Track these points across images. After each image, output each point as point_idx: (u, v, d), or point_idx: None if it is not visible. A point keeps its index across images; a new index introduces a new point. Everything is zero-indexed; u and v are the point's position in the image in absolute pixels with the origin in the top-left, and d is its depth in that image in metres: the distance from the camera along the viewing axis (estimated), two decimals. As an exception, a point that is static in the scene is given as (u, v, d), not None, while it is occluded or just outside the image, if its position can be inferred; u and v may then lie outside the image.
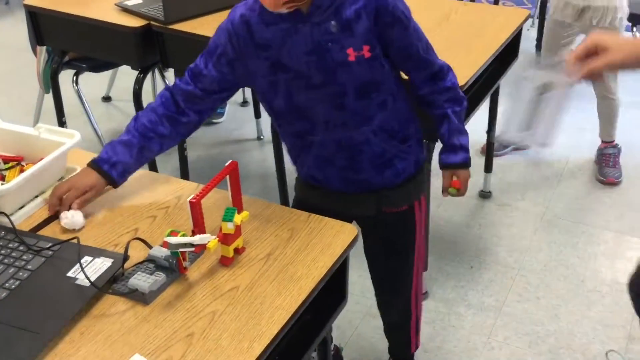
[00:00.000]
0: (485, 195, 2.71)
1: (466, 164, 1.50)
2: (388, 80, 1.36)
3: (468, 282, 2.27)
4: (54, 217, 1.30)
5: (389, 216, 1.53)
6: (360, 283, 2.21)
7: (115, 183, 1.34)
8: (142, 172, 1.47)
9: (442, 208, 2.62)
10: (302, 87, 1.33)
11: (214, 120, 3.24)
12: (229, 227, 1.15)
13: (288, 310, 1.08)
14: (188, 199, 1.16)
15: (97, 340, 1.03)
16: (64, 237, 1.21)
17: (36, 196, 1.32)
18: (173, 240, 1.09)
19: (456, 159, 1.49)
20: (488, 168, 2.68)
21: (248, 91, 3.41)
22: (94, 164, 1.33)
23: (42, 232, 1.26)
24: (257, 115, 3.13)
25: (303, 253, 1.20)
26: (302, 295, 1.11)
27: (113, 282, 1.13)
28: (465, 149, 1.49)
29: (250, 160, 3.00)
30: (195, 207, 1.17)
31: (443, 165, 1.51)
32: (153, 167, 2.64)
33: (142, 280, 1.09)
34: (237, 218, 1.16)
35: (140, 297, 1.09)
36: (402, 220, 1.55)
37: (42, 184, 1.34)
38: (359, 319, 2.12)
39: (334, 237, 1.23)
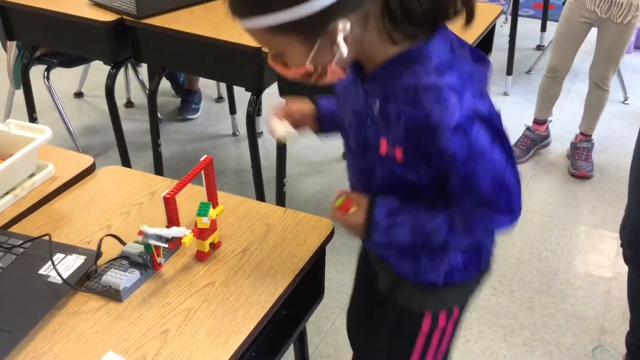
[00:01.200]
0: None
1: (367, 232, 1.08)
2: (426, 187, 1.05)
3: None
4: (25, 214, 1.28)
5: (398, 304, 1.24)
6: (337, 279, 2.21)
7: (321, 116, 1.23)
8: (115, 168, 1.45)
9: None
10: (345, 138, 1.15)
11: (189, 117, 3.23)
12: (204, 222, 1.14)
13: (264, 305, 1.07)
14: (162, 195, 1.15)
15: (70, 337, 1.01)
16: (36, 234, 1.19)
17: (7, 193, 1.30)
18: (149, 229, 1.07)
19: (376, 220, 1.07)
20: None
21: (223, 87, 3.40)
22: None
23: (13, 229, 1.24)
24: (233, 111, 3.11)
25: (279, 248, 1.20)
26: (278, 290, 1.10)
27: (86, 279, 1.11)
28: (386, 233, 1.08)
29: (227, 156, 2.98)
30: (170, 202, 1.16)
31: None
32: (126, 163, 2.61)
33: (115, 277, 1.08)
34: (212, 212, 1.15)
35: (114, 294, 1.08)
36: (407, 319, 1.23)
37: (13, 180, 1.31)
38: (336, 315, 2.12)
39: (310, 233, 1.23)
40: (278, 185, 2.35)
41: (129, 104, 3.34)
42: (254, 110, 2.18)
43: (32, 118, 2.57)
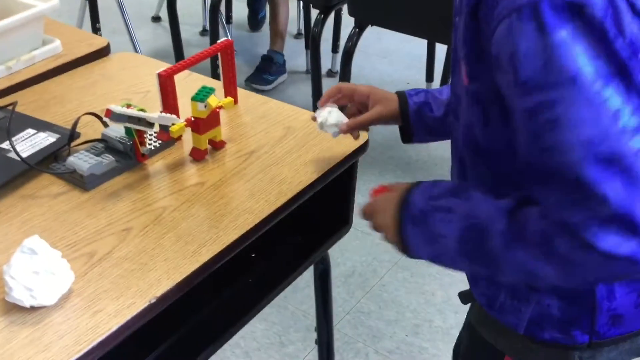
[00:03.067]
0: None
1: (397, 220, 0.74)
2: (510, 160, 0.68)
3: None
4: (17, 88, 1.10)
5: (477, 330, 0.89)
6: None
7: (407, 117, 0.89)
8: (131, 54, 1.26)
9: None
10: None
11: (256, 86, 2.68)
12: (199, 109, 0.91)
13: (258, 215, 0.84)
14: (157, 71, 0.93)
15: (13, 222, 0.82)
16: (21, 110, 1.01)
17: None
18: (117, 109, 0.86)
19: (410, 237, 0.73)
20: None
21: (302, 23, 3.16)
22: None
23: (-3, 103, 1.06)
24: (308, 46, 2.87)
25: (294, 155, 0.96)
26: (280, 200, 0.87)
27: (54, 160, 0.92)
28: (421, 221, 0.72)
29: (296, 92, 2.76)
30: (166, 82, 0.94)
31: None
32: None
33: (82, 160, 0.88)
34: (213, 100, 0.92)
35: (79, 181, 0.88)
36: (484, 352, 0.88)
37: (7, 51, 1.13)
38: (386, 269, 1.87)
39: (337, 142, 0.98)
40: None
41: (205, 31, 3.17)
42: (319, 32, 1.94)
43: (95, 28, 2.44)
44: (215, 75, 2.36)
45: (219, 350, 0.94)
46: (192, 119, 0.93)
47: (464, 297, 0.89)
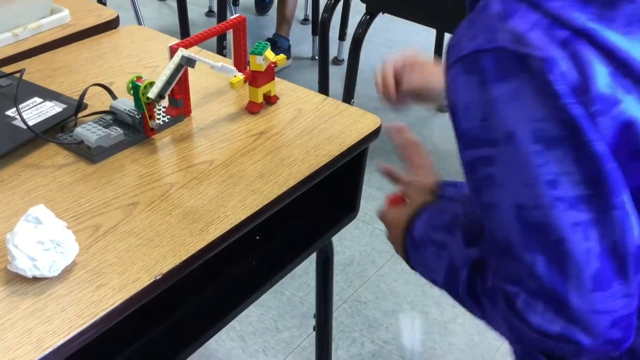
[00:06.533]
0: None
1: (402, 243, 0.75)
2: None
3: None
4: (23, 56, 1.08)
5: None
6: (394, 222, 1.94)
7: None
8: (141, 28, 1.24)
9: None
10: None
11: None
12: (258, 62, 0.93)
13: (267, 196, 0.82)
14: (169, 44, 0.91)
15: (16, 191, 0.81)
16: (27, 78, 0.98)
17: (7, 31, 1.10)
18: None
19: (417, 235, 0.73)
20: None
21: (310, 8, 3.13)
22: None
23: (3, 69, 1.04)
24: (315, 32, 2.84)
25: (305, 137, 0.94)
26: (289, 182, 0.85)
27: (60, 131, 0.90)
28: (416, 250, 0.73)
29: (300, 80, 2.73)
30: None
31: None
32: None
33: (90, 132, 0.86)
34: (270, 54, 0.94)
35: (86, 152, 0.86)
36: None
37: (14, 18, 1.11)
38: (384, 260, 1.85)
39: (349, 126, 0.96)
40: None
41: (210, 12, 3.14)
42: (329, 18, 1.91)
43: (101, 1, 2.41)
44: (220, 55, 2.33)
45: (215, 333, 0.92)
46: (250, 72, 0.94)
47: None
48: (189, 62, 0.87)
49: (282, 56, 0.99)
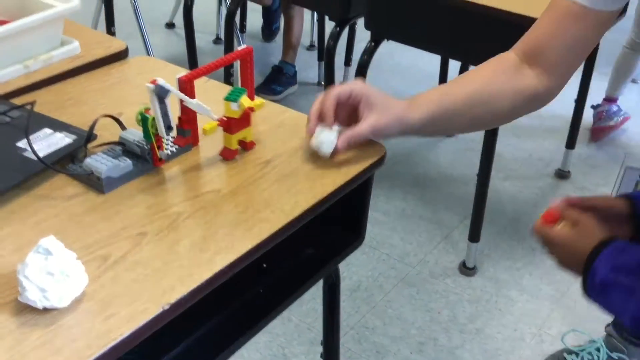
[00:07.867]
0: (562, 174, 2.37)
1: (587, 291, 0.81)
2: None
3: (526, 265, 1.96)
4: (34, 87, 1.10)
5: None
6: (401, 247, 1.94)
7: None
8: (149, 59, 1.26)
9: (510, 182, 2.30)
10: None
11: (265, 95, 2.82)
12: (232, 109, 0.92)
13: (274, 224, 0.83)
14: (177, 76, 0.93)
15: (27, 222, 0.82)
16: (38, 110, 1.00)
17: (19, 63, 1.13)
18: (163, 82, 0.87)
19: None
20: (570, 144, 2.33)
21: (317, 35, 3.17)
22: None
23: (14, 101, 1.06)
24: (321, 58, 2.87)
25: (311, 166, 0.95)
26: (295, 211, 0.86)
27: (70, 161, 0.92)
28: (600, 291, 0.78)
29: (307, 105, 2.76)
30: (185, 87, 0.94)
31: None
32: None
33: (100, 162, 0.87)
34: (245, 101, 0.93)
35: (96, 183, 0.87)
36: None
37: (25, 49, 1.13)
38: (392, 285, 1.85)
39: (353, 154, 0.98)
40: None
41: (218, 40, 3.18)
42: (335, 45, 1.94)
43: (110, 31, 2.45)
44: (227, 83, 2.36)
45: (223, 360, 0.93)
46: (225, 118, 0.93)
47: None
48: (162, 91, 0.89)
49: (260, 101, 0.99)
